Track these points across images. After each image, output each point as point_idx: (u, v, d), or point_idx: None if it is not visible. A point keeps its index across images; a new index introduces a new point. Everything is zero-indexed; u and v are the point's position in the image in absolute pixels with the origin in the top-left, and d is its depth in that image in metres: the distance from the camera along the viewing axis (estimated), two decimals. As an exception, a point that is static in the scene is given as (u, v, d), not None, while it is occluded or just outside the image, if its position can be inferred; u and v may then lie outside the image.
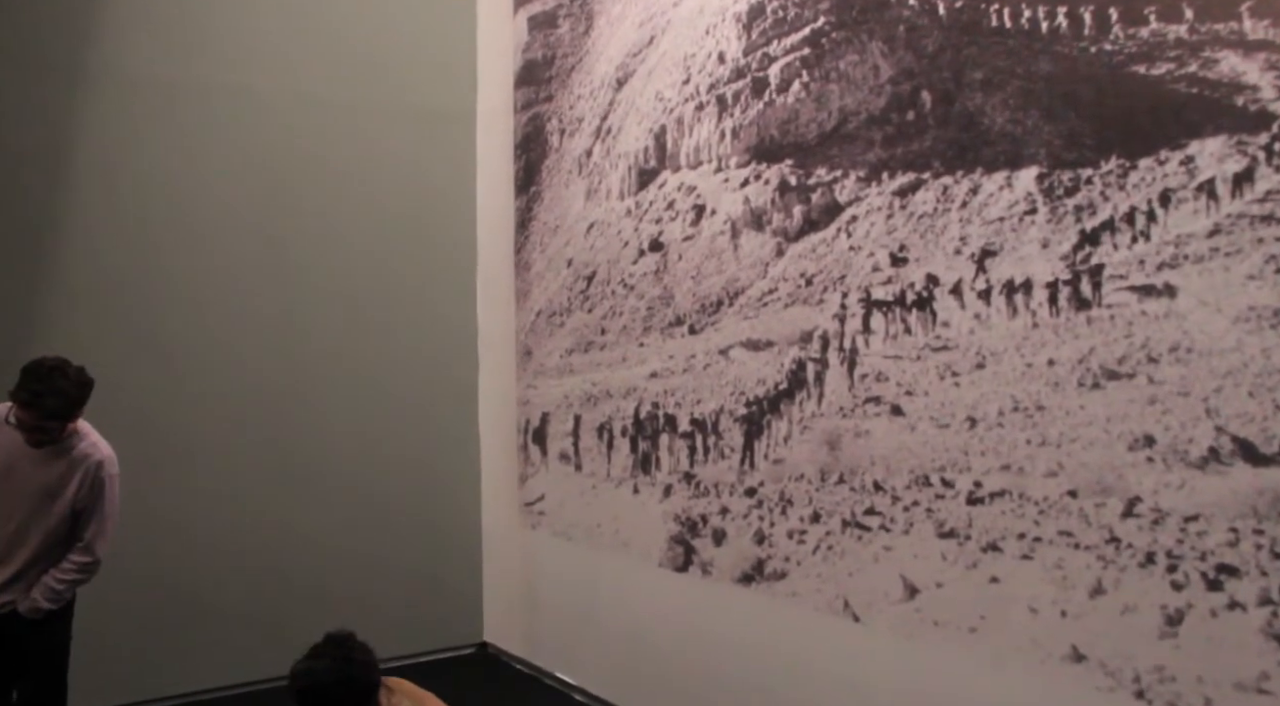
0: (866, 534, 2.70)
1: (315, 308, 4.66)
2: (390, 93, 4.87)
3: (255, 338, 4.52)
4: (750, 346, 3.15)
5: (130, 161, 4.29)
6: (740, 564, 3.17)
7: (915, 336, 2.57)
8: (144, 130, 4.31)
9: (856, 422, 2.73)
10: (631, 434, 3.72)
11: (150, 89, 4.33)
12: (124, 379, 4.20)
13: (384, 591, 4.73)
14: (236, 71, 4.51)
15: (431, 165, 4.97)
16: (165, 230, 4.35)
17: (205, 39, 4.48)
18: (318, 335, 4.65)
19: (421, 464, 4.87)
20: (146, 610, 4.14)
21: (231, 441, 4.43)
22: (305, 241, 4.66)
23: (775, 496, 3.02)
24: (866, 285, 2.72)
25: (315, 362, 4.65)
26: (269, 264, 4.56)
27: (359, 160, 4.80)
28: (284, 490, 4.55)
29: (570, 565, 4.17)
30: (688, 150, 3.46)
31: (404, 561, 4.79)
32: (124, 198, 4.27)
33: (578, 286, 4.12)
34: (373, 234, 4.81)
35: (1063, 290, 2.21)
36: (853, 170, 2.78)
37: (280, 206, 4.61)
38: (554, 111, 4.37)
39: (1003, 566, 2.33)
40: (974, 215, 2.42)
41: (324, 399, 4.65)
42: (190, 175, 4.40)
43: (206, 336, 4.40)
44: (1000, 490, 2.34)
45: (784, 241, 3.02)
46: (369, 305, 4.79)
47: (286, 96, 4.62)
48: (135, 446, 4.21)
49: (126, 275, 4.25)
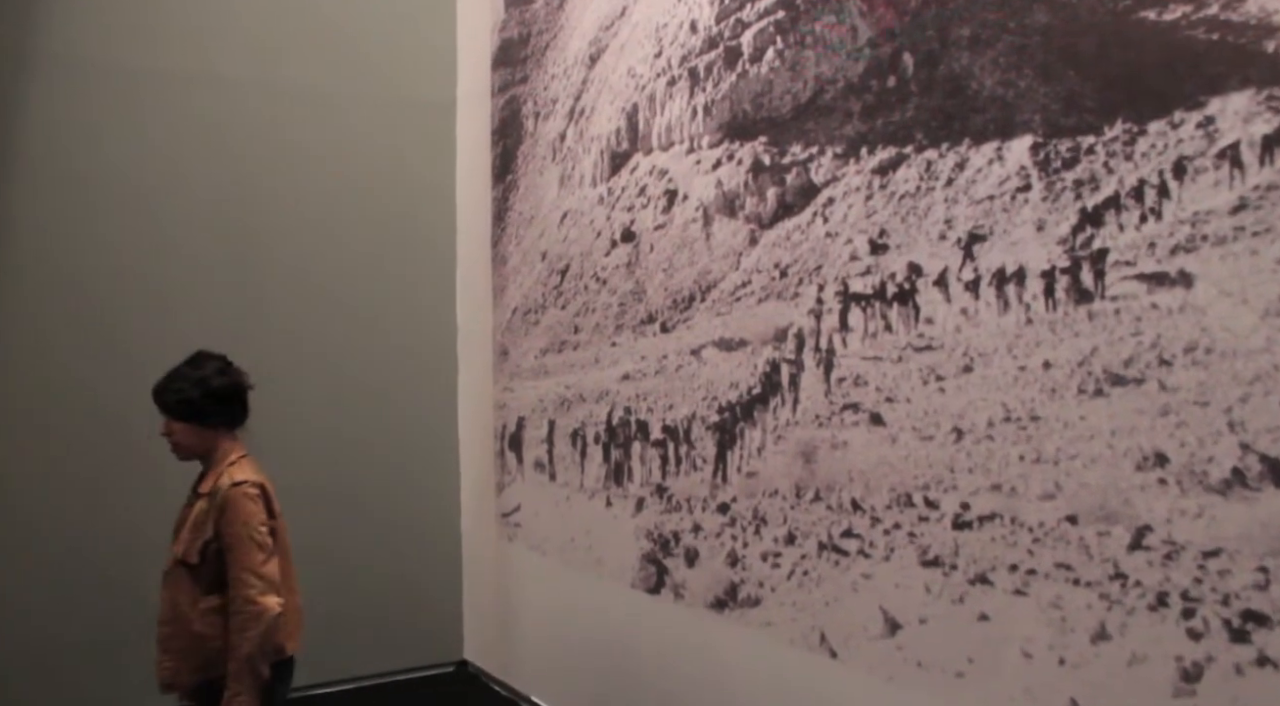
0: (844, 559, 2.38)
1: (287, 305, 4.41)
2: (365, 79, 4.60)
3: (223, 337, 4.23)
4: (723, 346, 2.83)
5: (88, 154, 4.05)
6: (713, 587, 2.86)
7: (896, 334, 2.24)
8: (103, 121, 4.07)
9: (833, 433, 2.41)
10: (604, 441, 3.42)
11: (109, 77, 4.09)
12: (84, 380, 3.97)
13: (359, 604, 4.47)
14: (202, 58, 4.27)
15: (409, 155, 4.70)
16: (126, 226, 4.11)
17: (168, 24, 4.23)
18: (290, 334, 4.40)
19: (399, 470, 4.60)
20: (106, 619, 3.90)
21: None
22: (276, 236, 4.40)
23: (749, 514, 2.71)
24: (844, 276, 2.39)
25: (287, 363, 4.39)
26: (237, 260, 4.32)
27: (332, 151, 4.54)
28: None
29: (545, 582, 3.88)
30: (659, 130, 3.15)
31: (380, 573, 4.53)
32: (82, 193, 4.03)
33: (551, 281, 3.82)
34: (347, 228, 4.55)
35: (1060, 280, 1.87)
36: (829, 146, 2.45)
37: (249, 200, 4.36)
38: (529, 93, 4.08)
39: (993, 602, 2.00)
40: (960, 194, 2.09)
41: (296, 401, 4.39)
42: (152, 167, 4.16)
43: (171, 336, 4.12)
44: (990, 513, 2.00)
45: (757, 228, 2.70)
46: (344, 303, 4.53)
47: (256, 84, 4.37)
48: (96, 450, 3.98)
49: (86, 274, 4.03)
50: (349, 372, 4.51)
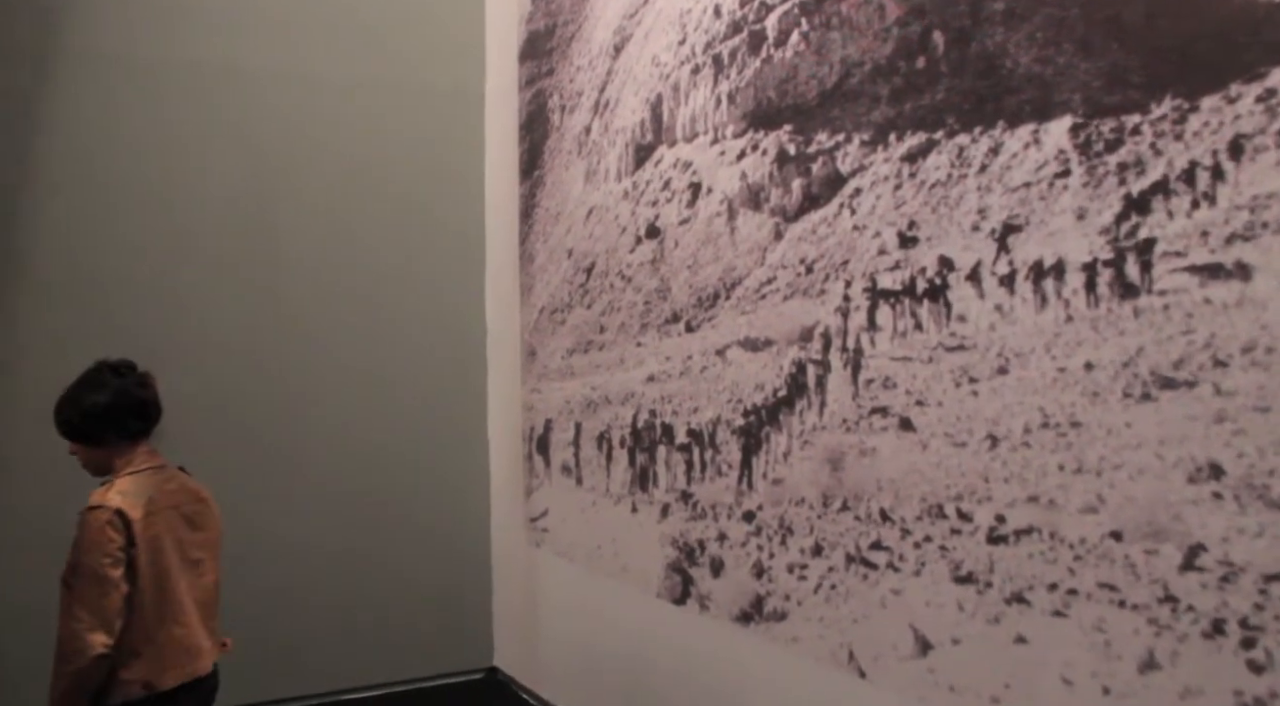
0: (873, 572, 2.23)
1: (312, 305, 4.34)
2: (392, 70, 4.52)
3: (245, 337, 4.22)
4: (748, 346, 2.69)
5: (108, 149, 4.02)
6: (739, 599, 2.72)
7: (927, 333, 2.09)
8: (123, 115, 4.04)
9: (861, 438, 2.26)
10: (630, 445, 3.30)
11: (128, 70, 4.05)
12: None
13: (387, 610, 4.40)
14: (223, 50, 4.21)
15: (438, 151, 4.61)
16: (147, 222, 4.07)
17: (188, 15, 4.19)
18: (315, 334, 4.33)
19: (428, 474, 4.52)
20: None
21: (220, 449, 4.13)
22: (300, 234, 4.34)
23: (775, 523, 2.57)
24: (871, 272, 2.24)
25: (312, 364, 4.33)
26: (260, 258, 4.26)
27: (359, 146, 4.47)
28: (278, 501, 4.24)
29: (572, 589, 3.77)
30: (684, 121, 3.01)
31: (410, 577, 4.45)
32: (102, 188, 4.00)
33: (577, 279, 3.71)
34: (374, 225, 4.48)
35: (1103, 273, 1.71)
36: (856, 133, 2.30)
37: (273, 196, 4.30)
38: (555, 86, 3.97)
39: (1031, 623, 1.84)
40: (994, 181, 1.93)
41: (322, 402, 4.33)
42: (173, 163, 4.11)
43: (192, 336, 4.11)
44: (1027, 527, 1.85)
45: (782, 222, 2.56)
46: (371, 302, 4.46)
47: (279, 76, 4.31)
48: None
49: (105, 271, 3.99)
50: (376, 374, 4.44)
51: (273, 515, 4.21)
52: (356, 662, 4.36)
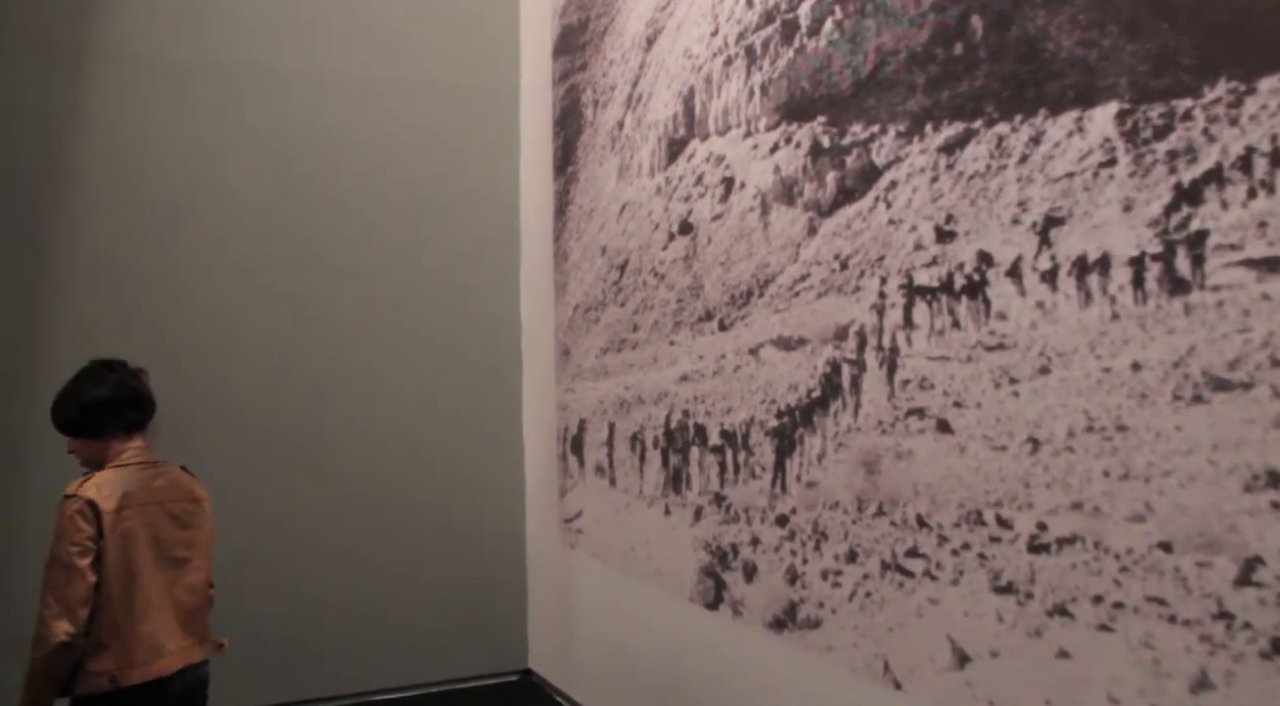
0: (909, 581, 2.14)
1: (344, 305, 4.33)
2: (426, 69, 4.49)
3: (275, 337, 4.21)
4: (781, 344, 2.62)
5: (138, 149, 4.03)
6: (772, 606, 2.65)
7: (965, 331, 2.00)
8: (154, 115, 4.05)
9: (897, 441, 2.17)
10: (663, 446, 3.23)
11: (160, 71, 4.06)
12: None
13: (420, 610, 4.37)
14: (253, 50, 4.21)
15: (472, 148, 4.58)
16: (177, 221, 4.07)
17: (219, 16, 4.19)
18: (347, 334, 4.32)
19: (462, 474, 4.49)
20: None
21: (248, 450, 4.13)
22: (332, 234, 4.33)
23: (808, 528, 2.49)
24: (908, 268, 2.16)
25: (345, 365, 4.32)
26: (291, 258, 4.25)
27: (391, 144, 4.45)
28: (309, 502, 4.23)
29: (606, 591, 3.71)
30: (716, 113, 2.94)
31: (443, 578, 4.42)
32: (132, 187, 4.01)
33: (611, 277, 3.65)
34: (407, 224, 4.45)
35: (1151, 268, 1.61)
36: (891, 124, 2.22)
37: (304, 196, 4.29)
38: (588, 81, 3.91)
39: (1074, 637, 1.75)
40: (1035, 172, 1.84)
41: (356, 404, 4.31)
42: (204, 163, 4.12)
43: (221, 336, 4.11)
44: (1070, 536, 1.75)
45: (816, 216, 2.48)
46: (404, 302, 4.43)
47: (310, 75, 4.30)
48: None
49: (134, 269, 4.00)
50: (409, 375, 4.42)
51: (307, 517, 4.20)
52: (391, 663, 4.34)
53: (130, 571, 2.60)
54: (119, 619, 2.56)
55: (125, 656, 2.56)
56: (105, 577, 2.54)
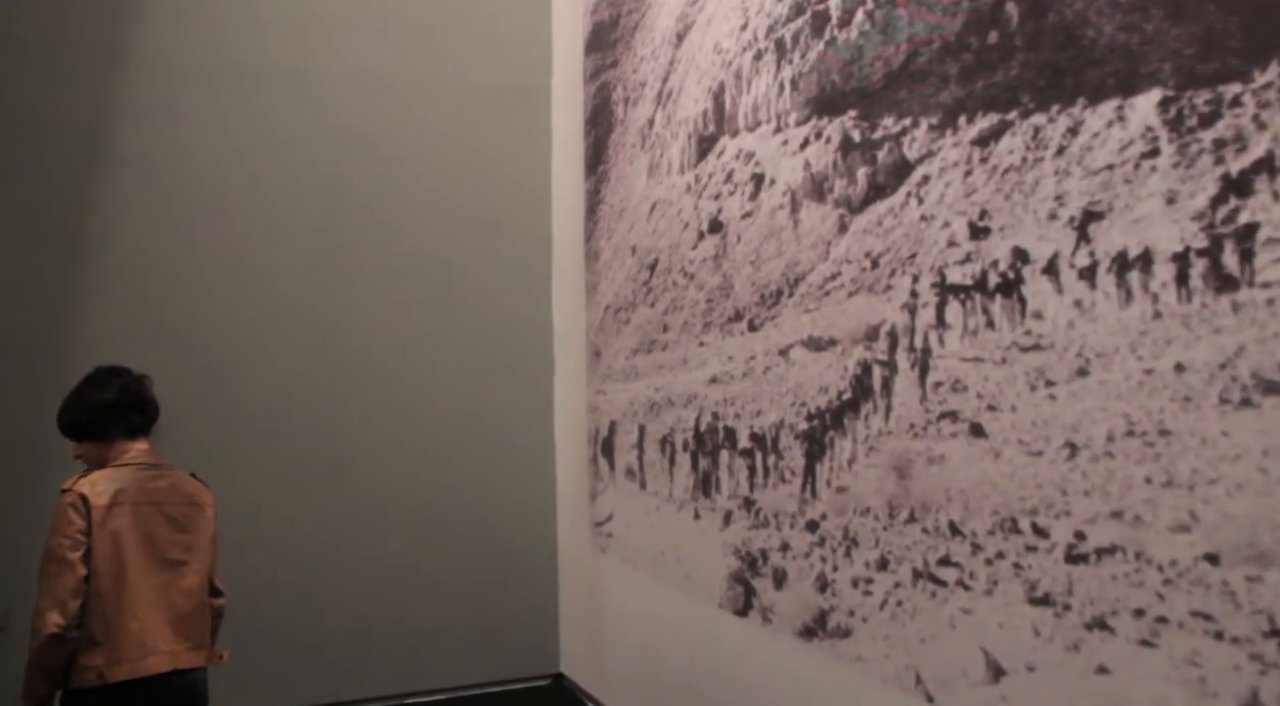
0: (941, 590, 2.07)
1: (374, 308, 4.32)
2: (457, 69, 4.47)
3: (304, 341, 4.21)
4: (811, 345, 2.55)
5: (169, 152, 4.05)
6: (801, 613, 2.58)
7: (999, 332, 1.92)
8: (184, 118, 4.06)
9: (929, 445, 2.10)
10: (692, 449, 3.18)
11: (190, 74, 4.07)
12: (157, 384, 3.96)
13: (452, 614, 4.35)
14: (284, 52, 4.20)
15: (503, 148, 4.55)
16: (206, 224, 4.08)
17: (249, 18, 4.19)
18: (377, 338, 4.30)
19: (494, 477, 4.46)
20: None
21: (278, 453, 4.13)
22: (362, 236, 4.32)
23: (839, 534, 2.42)
24: (940, 265, 2.08)
25: (375, 367, 4.30)
26: (321, 261, 4.24)
27: (422, 145, 4.43)
28: (338, 506, 4.22)
29: (636, 596, 3.66)
30: (746, 109, 2.88)
31: (475, 582, 4.39)
32: (162, 191, 4.03)
33: (641, 277, 3.60)
34: (438, 225, 4.43)
35: (1196, 264, 1.53)
36: (924, 117, 2.14)
37: (333, 197, 4.28)
38: (619, 78, 3.86)
39: (1114, 653, 1.66)
40: (1073, 164, 1.75)
41: (385, 407, 4.30)
42: (232, 166, 4.12)
43: (250, 339, 4.11)
44: (1110, 546, 1.67)
45: (846, 213, 2.41)
46: (434, 304, 4.41)
47: (340, 76, 4.29)
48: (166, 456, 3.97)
49: (164, 273, 4.02)
50: (440, 377, 4.39)
51: (340, 520, 4.19)
52: (423, 666, 4.32)
53: (120, 568, 2.63)
54: (109, 614, 2.59)
55: (114, 653, 2.59)
56: (95, 572, 2.58)
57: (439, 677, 4.31)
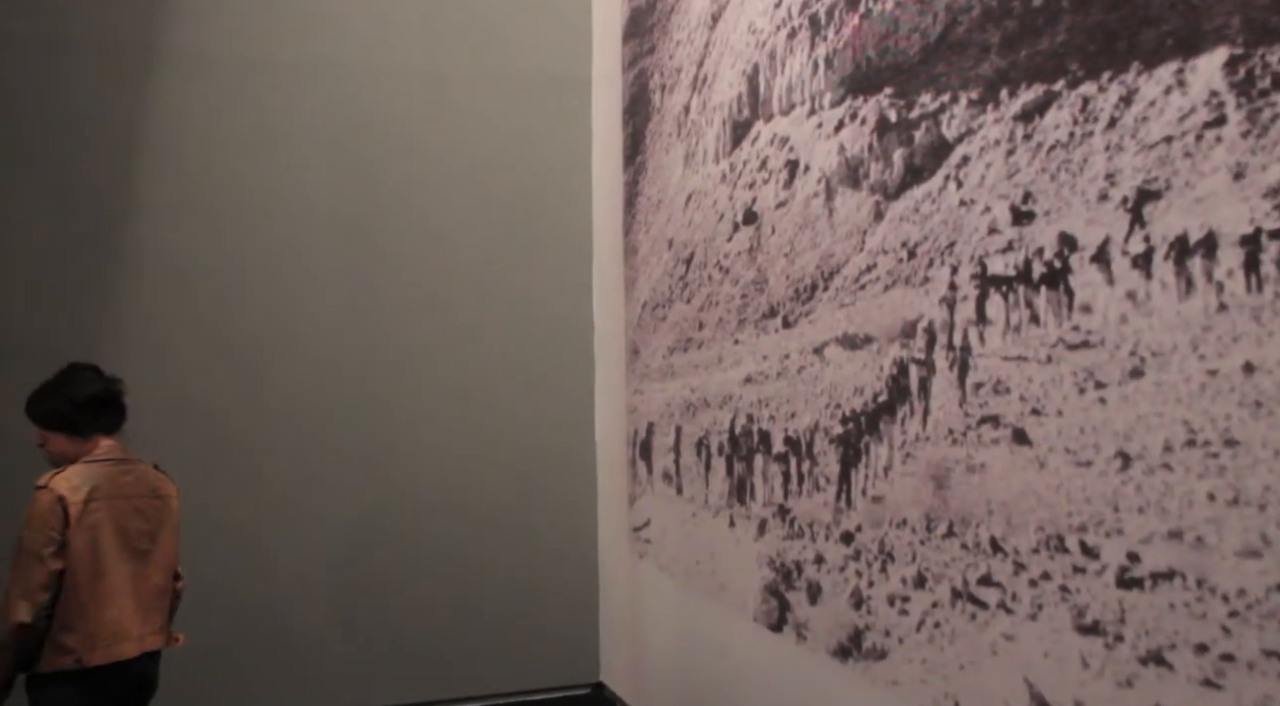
0: (982, 612, 1.87)
1: (411, 305, 4.22)
2: (495, 59, 4.36)
3: (341, 338, 4.13)
4: (846, 343, 2.36)
5: (206, 148, 3.99)
6: (836, 632, 2.40)
7: (1044, 327, 1.72)
8: (221, 114, 4.00)
9: (969, 452, 1.91)
10: (727, 452, 3.01)
11: (227, 69, 4.01)
12: (195, 382, 3.91)
13: (490, 619, 4.23)
14: (321, 44, 4.13)
15: (543, 140, 4.42)
16: (243, 222, 4.02)
17: (285, 11, 4.12)
18: (413, 335, 4.21)
19: (535, 480, 4.33)
20: (216, 636, 3.81)
21: (315, 453, 4.05)
22: (401, 232, 4.22)
23: (874, 547, 2.23)
24: (980, 255, 1.88)
25: (414, 366, 4.21)
26: (361, 256, 4.16)
27: (462, 139, 4.33)
28: (375, 507, 4.13)
29: (673, 606, 3.50)
30: (780, 92, 2.70)
31: (516, 587, 4.28)
32: (199, 188, 3.98)
33: (677, 272, 3.44)
34: (478, 220, 4.32)
35: (1268, 248, 1.32)
36: (963, 91, 1.95)
37: (373, 192, 4.20)
38: (655, 64, 3.71)
39: (1174, 692, 1.46)
40: (1126, 138, 1.55)
41: (421, 406, 4.20)
42: (270, 161, 4.05)
43: (287, 337, 4.05)
44: (1167, 570, 1.47)
45: (882, 200, 2.22)
46: (473, 300, 4.30)
47: (377, 69, 4.20)
48: (206, 457, 3.91)
49: (200, 270, 3.96)
50: (480, 376, 4.28)
51: (364, 522, 4.10)
52: (463, 671, 4.22)
53: (97, 560, 2.74)
54: (86, 604, 2.71)
55: (90, 639, 2.71)
56: (72, 566, 2.69)
57: (478, 684, 4.20)
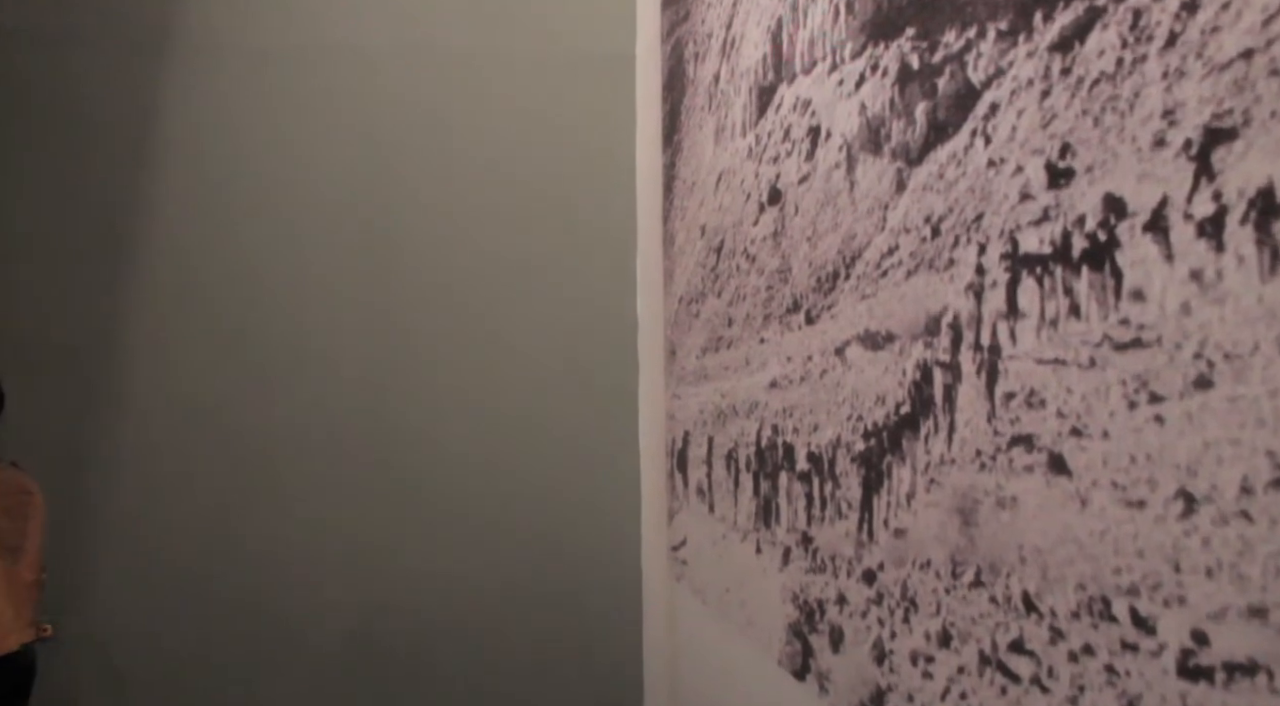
0: (1013, 687, 1.46)
1: (437, 307, 3.96)
2: (530, 36, 4.06)
3: (362, 342, 3.89)
4: (868, 342, 1.97)
5: (218, 142, 3.81)
6: (859, 688, 2.01)
7: (1086, 321, 1.30)
8: (234, 106, 3.81)
9: (998, 481, 1.50)
10: (754, 468, 2.65)
11: (240, 59, 3.81)
12: (208, 389, 3.72)
13: (521, 649, 3.94)
14: (340, 28, 3.90)
15: (583, 124, 4.10)
16: (258, 219, 3.82)
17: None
18: (440, 339, 3.94)
19: (569, 494, 4.02)
20: (228, 652, 3.62)
21: (333, 463, 3.82)
22: (428, 227, 3.97)
23: (897, 591, 1.84)
24: (1011, 228, 1.48)
25: (445, 369, 3.94)
26: (382, 252, 3.92)
27: (494, 125, 4.04)
28: (396, 523, 3.88)
29: (707, 637, 3.14)
30: (802, 47, 2.33)
31: (555, 610, 3.97)
32: (212, 184, 3.79)
33: (709, 262, 3.08)
34: (509, 212, 4.03)
35: (1388, 199, 0.89)
36: (991, 22, 1.54)
37: (397, 184, 3.95)
38: (689, 32, 3.36)
39: (1254, 831, 1.04)
40: (1190, 59, 1.13)
41: (448, 414, 3.93)
42: (286, 155, 3.84)
43: (304, 341, 3.82)
44: (1246, 662, 1.04)
45: (904, 166, 1.83)
46: (505, 299, 4.01)
47: (401, 53, 3.94)
48: (219, 467, 3.72)
49: (213, 270, 3.78)
50: (513, 379, 3.99)
51: (384, 539, 3.85)
52: (498, 699, 3.93)
53: None
54: None
55: None
56: None
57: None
